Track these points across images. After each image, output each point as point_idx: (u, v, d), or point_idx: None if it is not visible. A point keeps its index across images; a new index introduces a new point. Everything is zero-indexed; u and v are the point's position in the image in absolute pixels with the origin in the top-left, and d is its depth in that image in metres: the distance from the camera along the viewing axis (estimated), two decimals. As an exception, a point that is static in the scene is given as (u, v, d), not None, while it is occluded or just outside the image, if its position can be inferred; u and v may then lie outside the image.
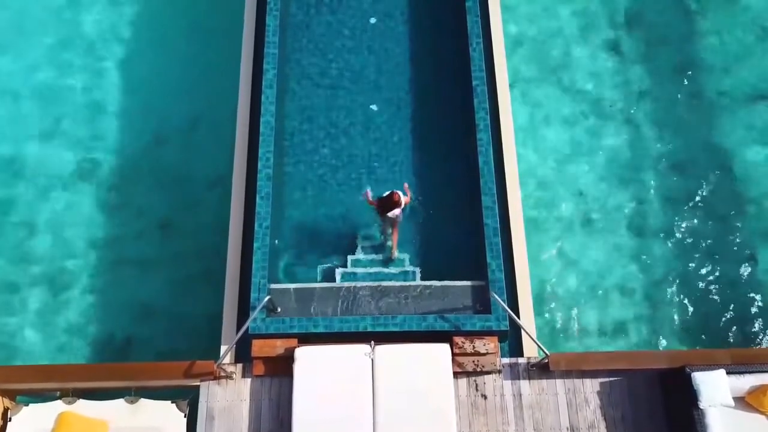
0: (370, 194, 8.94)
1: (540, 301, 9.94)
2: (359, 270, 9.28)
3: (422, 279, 9.16)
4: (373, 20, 11.08)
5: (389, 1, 11.23)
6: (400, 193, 8.55)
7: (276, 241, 9.36)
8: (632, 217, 10.68)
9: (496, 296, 8.52)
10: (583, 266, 10.29)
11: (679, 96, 11.61)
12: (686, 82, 11.72)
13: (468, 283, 8.94)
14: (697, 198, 10.81)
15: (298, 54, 10.84)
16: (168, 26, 12.17)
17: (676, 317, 10.02)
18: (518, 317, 8.73)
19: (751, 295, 10.16)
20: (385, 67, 10.78)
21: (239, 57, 10.54)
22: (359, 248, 9.52)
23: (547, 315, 9.96)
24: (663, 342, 9.84)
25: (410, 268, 9.32)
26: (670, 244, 10.48)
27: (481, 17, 10.53)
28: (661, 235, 10.55)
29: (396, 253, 9.37)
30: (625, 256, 10.37)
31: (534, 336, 8.53)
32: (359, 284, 8.98)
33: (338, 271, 9.28)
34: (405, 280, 9.13)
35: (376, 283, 8.99)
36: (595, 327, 9.95)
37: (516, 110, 10.98)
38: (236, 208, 9.54)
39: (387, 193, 8.57)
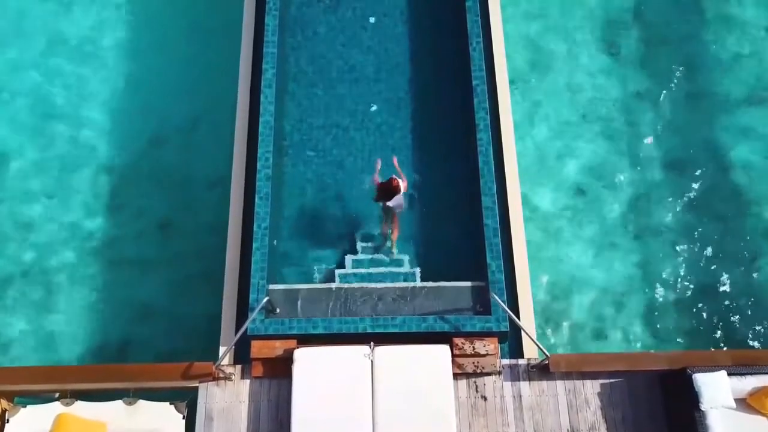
0: (379, 167, 8.97)
1: (540, 302, 9.88)
2: (359, 271, 9.23)
3: (422, 280, 9.11)
4: (372, 20, 11.05)
5: (389, 1, 11.18)
6: (398, 179, 8.58)
7: (275, 242, 9.31)
8: (633, 217, 10.63)
9: (497, 297, 8.48)
10: (583, 267, 10.23)
11: (679, 96, 11.56)
12: (686, 82, 11.66)
13: (468, 283, 8.90)
14: (699, 198, 10.75)
15: (297, 54, 10.80)
16: (167, 26, 12.13)
17: (676, 318, 9.97)
18: (518, 318, 8.69)
19: (753, 295, 10.10)
20: (385, 66, 10.74)
21: (238, 57, 10.50)
22: (359, 249, 9.46)
23: (547, 316, 9.90)
24: (664, 343, 9.79)
25: (410, 269, 9.26)
26: (670, 245, 10.43)
27: (481, 17, 10.48)
28: (662, 235, 10.50)
29: (395, 251, 9.32)
30: (625, 256, 10.32)
31: (534, 337, 8.49)
32: (359, 285, 8.95)
33: (338, 272, 9.22)
34: (405, 281, 9.08)
35: (375, 284, 8.96)
36: (595, 328, 9.90)
37: (516, 110, 10.92)
38: (235, 208, 9.50)
39: (386, 179, 8.63)
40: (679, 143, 11.17)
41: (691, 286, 10.15)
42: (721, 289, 10.16)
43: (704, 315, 9.99)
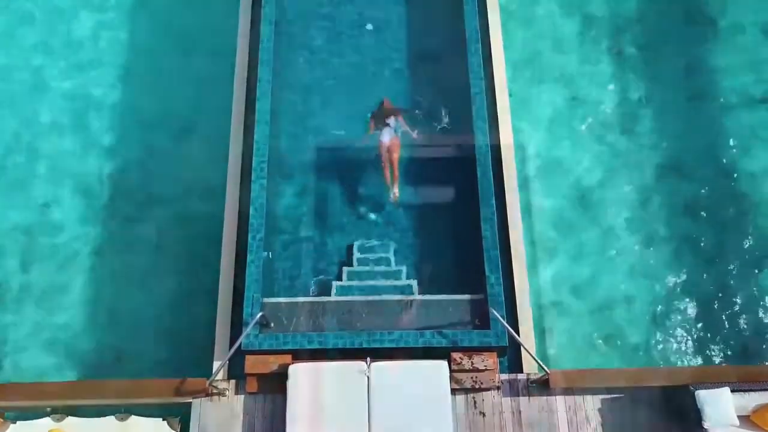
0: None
1: (540, 315, 9.70)
2: (355, 283, 9.08)
3: (420, 292, 8.96)
4: (369, 27, 10.90)
5: (386, 7, 11.03)
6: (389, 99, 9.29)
7: (269, 254, 9.16)
8: (636, 225, 10.42)
9: (496, 313, 8.34)
10: (584, 278, 10.04)
11: (682, 99, 11.37)
12: (689, 85, 11.47)
13: (466, 297, 8.78)
14: (702, 205, 10.56)
15: (294, 61, 10.65)
16: (164, 29, 11.97)
17: (679, 332, 9.77)
18: (518, 331, 8.56)
19: (757, 308, 9.93)
20: (382, 73, 10.57)
21: (234, 63, 10.37)
22: (356, 260, 9.31)
23: (547, 329, 9.72)
24: (666, 358, 9.60)
25: (407, 282, 9.11)
26: (673, 255, 10.23)
27: (480, 20, 10.35)
28: (665, 244, 10.31)
29: (397, 193, 9.33)
30: (628, 266, 10.11)
31: (533, 352, 8.36)
32: (355, 298, 8.82)
33: (334, 285, 9.08)
34: (402, 294, 8.93)
35: (372, 297, 8.82)
36: (596, 342, 9.71)
37: (515, 116, 10.73)
38: (230, 219, 9.37)
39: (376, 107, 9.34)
40: (685, 147, 10.95)
41: (695, 299, 9.97)
42: (725, 302, 9.96)
43: (708, 329, 9.81)
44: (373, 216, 9.70)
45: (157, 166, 10.81)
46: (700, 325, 9.81)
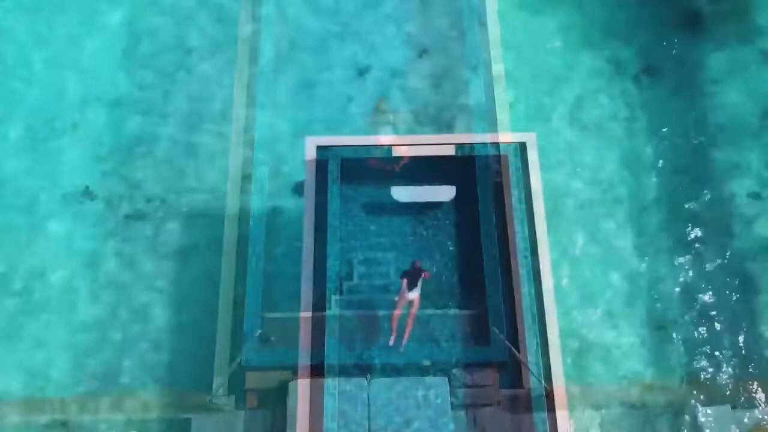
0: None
1: (542, 329, 9.62)
2: (355, 297, 9.06)
3: (421, 308, 8.92)
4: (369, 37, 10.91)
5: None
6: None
7: (269, 267, 9.16)
8: (637, 228, 10.41)
9: (496, 330, 8.34)
10: (586, 288, 10.02)
11: (683, 99, 11.34)
12: (690, 84, 11.44)
13: (467, 312, 8.76)
14: (704, 207, 10.56)
15: (295, 67, 10.63)
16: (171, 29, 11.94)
17: (681, 346, 9.73)
18: (518, 346, 8.54)
19: (759, 323, 9.91)
20: (383, 73, 10.60)
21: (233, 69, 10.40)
22: (356, 274, 9.30)
23: (548, 343, 9.64)
24: (668, 372, 9.56)
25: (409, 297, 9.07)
26: (676, 261, 10.21)
27: (479, 18, 10.45)
28: (667, 250, 10.28)
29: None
30: (630, 273, 10.09)
31: (534, 368, 8.36)
32: (355, 312, 8.79)
33: (334, 299, 9.05)
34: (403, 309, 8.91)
35: (372, 312, 8.79)
36: (597, 355, 9.71)
37: (515, 116, 10.70)
38: (230, 230, 9.36)
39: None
40: (685, 150, 10.96)
41: (696, 311, 9.94)
42: (726, 314, 9.93)
43: (709, 343, 9.77)
44: (373, 227, 9.68)
45: (159, 170, 10.79)
46: (702, 339, 9.78)
